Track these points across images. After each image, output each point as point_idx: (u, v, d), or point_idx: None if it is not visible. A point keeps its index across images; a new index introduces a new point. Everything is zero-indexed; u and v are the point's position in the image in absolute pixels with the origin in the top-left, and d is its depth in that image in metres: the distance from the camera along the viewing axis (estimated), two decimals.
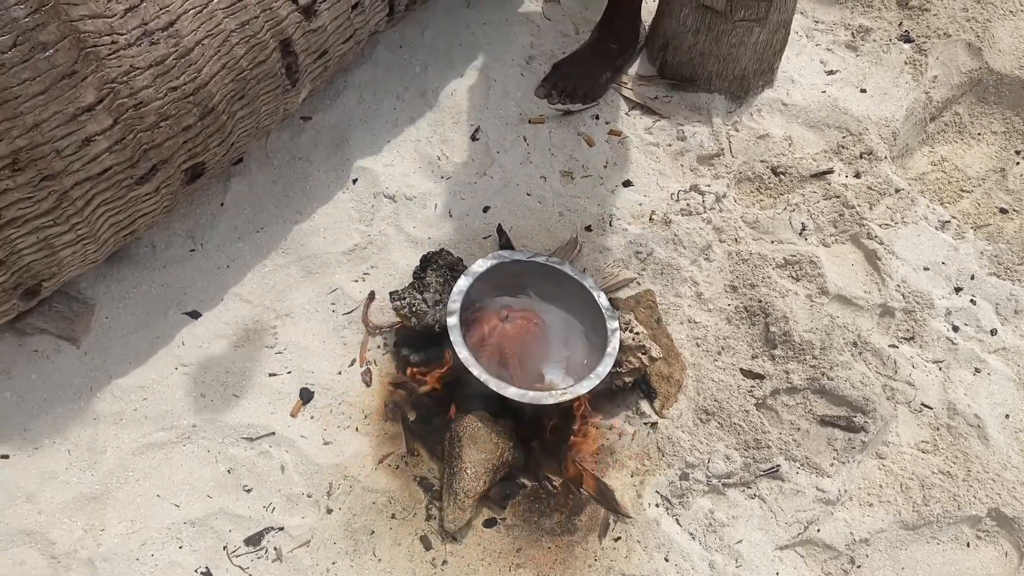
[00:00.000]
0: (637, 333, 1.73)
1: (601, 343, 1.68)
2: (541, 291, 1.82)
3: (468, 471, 1.57)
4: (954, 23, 2.51)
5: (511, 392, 1.56)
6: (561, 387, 1.66)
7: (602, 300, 1.73)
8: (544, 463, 1.68)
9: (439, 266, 1.78)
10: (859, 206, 2.10)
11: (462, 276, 1.70)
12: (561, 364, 1.74)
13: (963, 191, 2.35)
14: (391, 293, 1.74)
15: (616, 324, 1.70)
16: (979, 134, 2.47)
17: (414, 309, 1.71)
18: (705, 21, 2.10)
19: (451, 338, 1.61)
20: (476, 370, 1.58)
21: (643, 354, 1.73)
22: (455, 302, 1.66)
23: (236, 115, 1.59)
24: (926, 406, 1.83)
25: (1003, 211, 2.30)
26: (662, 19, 2.22)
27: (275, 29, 1.58)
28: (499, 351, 1.68)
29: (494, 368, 1.68)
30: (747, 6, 2.05)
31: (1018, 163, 2.42)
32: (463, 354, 1.59)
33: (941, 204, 2.30)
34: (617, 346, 1.67)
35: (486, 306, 1.78)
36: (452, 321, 1.63)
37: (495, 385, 1.56)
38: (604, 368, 1.64)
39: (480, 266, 1.72)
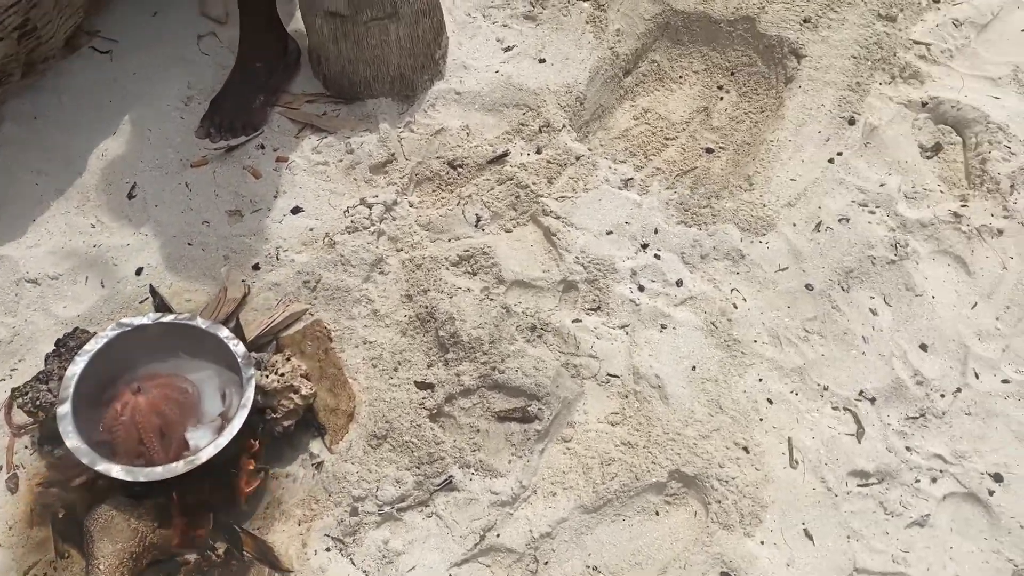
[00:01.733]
0: (283, 375, 1.64)
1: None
2: (191, 350, 1.71)
3: (100, 567, 1.46)
4: None
5: (116, 472, 1.46)
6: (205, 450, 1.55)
7: (238, 349, 1.64)
8: (206, 533, 1.58)
9: (69, 348, 1.66)
10: (535, 184, 2.04)
11: (75, 358, 1.58)
12: (215, 424, 1.64)
13: (668, 139, 2.31)
14: (13, 390, 1.62)
15: (252, 372, 1.60)
16: (680, 77, 2.44)
17: (38, 403, 1.59)
18: (338, 27, 2.01)
19: (60, 429, 1.49)
20: (87, 459, 1.48)
21: (294, 394, 1.64)
22: (67, 389, 1.55)
23: None
24: (612, 375, 1.78)
25: (709, 151, 2.27)
26: (307, 32, 2.13)
27: None
28: (134, 427, 1.57)
29: (132, 447, 1.57)
30: (372, 5, 1.96)
31: (721, 98, 2.38)
32: (71, 444, 1.49)
33: (645, 156, 2.26)
34: (251, 396, 1.58)
35: (134, 379, 1.67)
36: (63, 410, 1.53)
37: (103, 468, 1.46)
38: (238, 422, 1.55)
39: (94, 344, 1.61)
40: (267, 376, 1.64)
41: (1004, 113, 2.16)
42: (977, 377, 1.77)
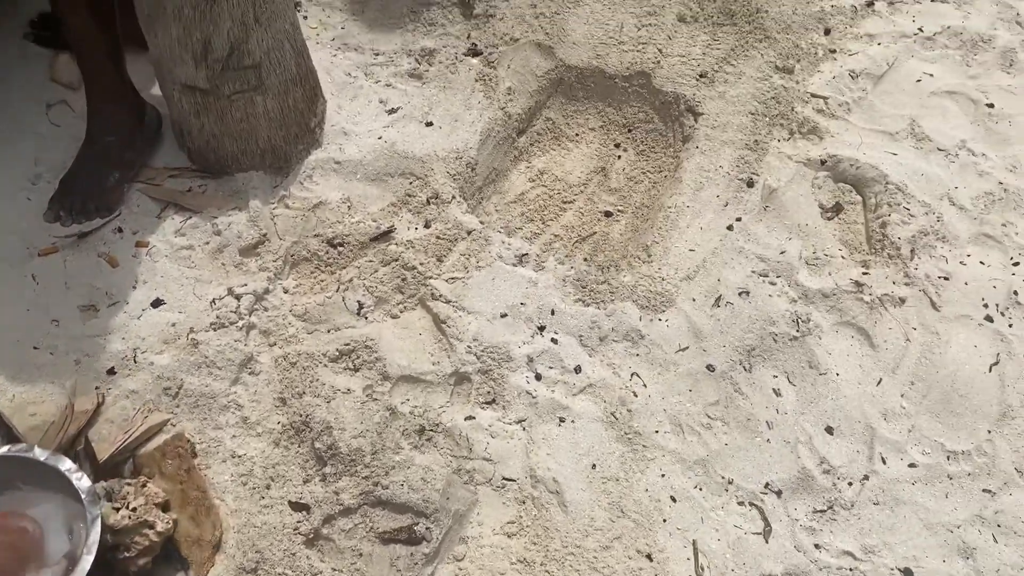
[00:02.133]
0: (134, 509, 1.46)
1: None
2: (32, 480, 1.51)
3: None
4: (522, 24, 2.34)
5: None
6: None
7: (82, 483, 1.45)
8: None
9: None
10: (423, 264, 1.89)
11: None
12: (60, 567, 1.45)
13: (565, 203, 2.20)
14: None
15: (98, 511, 1.42)
16: (577, 135, 2.33)
17: None
18: (198, 101, 1.83)
19: None
20: None
21: (149, 529, 1.46)
22: None
23: None
24: (508, 479, 1.65)
25: (607, 214, 2.16)
26: (167, 103, 1.94)
27: None
28: None
29: None
30: (235, 79, 1.79)
31: (619, 156, 2.28)
32: None
33: (543, 223, 2.14)
34: (97, 539, 1.39)
35: None
36: None
37: None
38: (81, 572, 1.36)
39: None
40: (117, 511, 1.45)
41: (902, 171, 2.12)
42: (884, 462, 1.70)
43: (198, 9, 1.63)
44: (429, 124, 2.15)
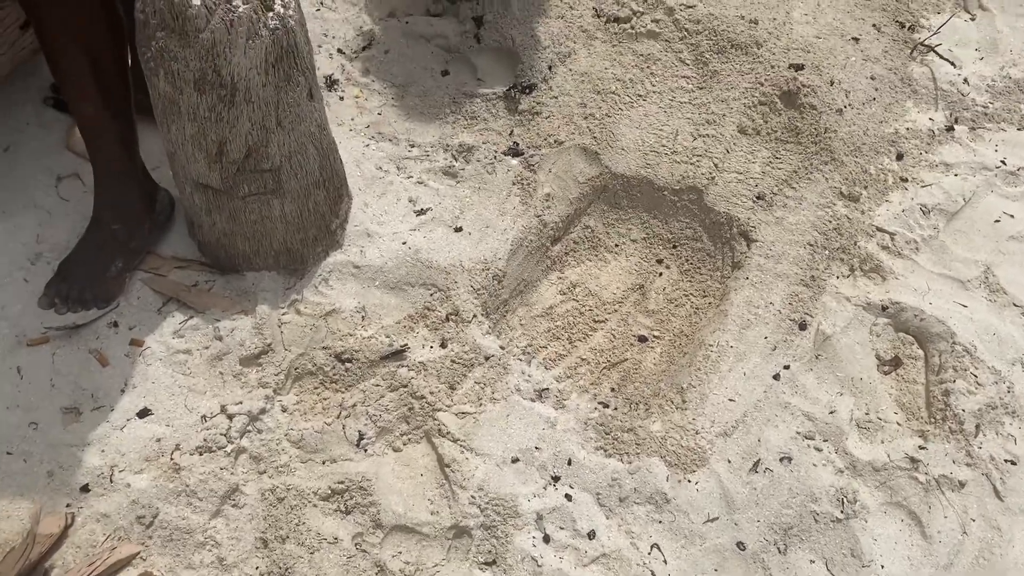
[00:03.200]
0: None
1: None
2: None
3: None
4: (569, 124, 2.19)
5: None
6: None
7: None
8: None
9: None
10: (433, 393, 1.73)
11: None
12: None
13: (596, 322, 2.03)
14: None
15: None
16: (616, 246, 2.16)
17: None
18: (211, 200, 1.70)
19: None
20: None
21: None
22: None
23: None
24: None
25: (642, 339, 1.99)
26: (179, 195, 1.81)
27: None
28: None
29: None
30: (251, 181, 1.65)
31: (660, 274, 2.11)
32: None
33: (570, 342, 1.97)
34: None
35: None
36: None
37: None
38: None
39: None
40: None
41: (972, 329, 1.91)
42: None
43: (214, 111, 1.50)
44: (458, 229, 2.00)
